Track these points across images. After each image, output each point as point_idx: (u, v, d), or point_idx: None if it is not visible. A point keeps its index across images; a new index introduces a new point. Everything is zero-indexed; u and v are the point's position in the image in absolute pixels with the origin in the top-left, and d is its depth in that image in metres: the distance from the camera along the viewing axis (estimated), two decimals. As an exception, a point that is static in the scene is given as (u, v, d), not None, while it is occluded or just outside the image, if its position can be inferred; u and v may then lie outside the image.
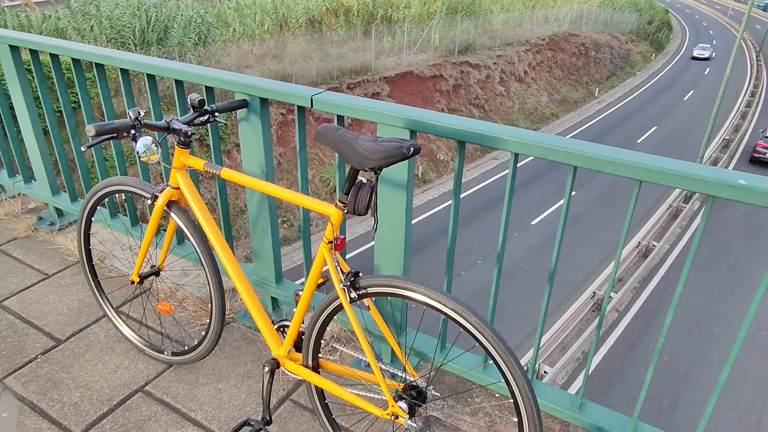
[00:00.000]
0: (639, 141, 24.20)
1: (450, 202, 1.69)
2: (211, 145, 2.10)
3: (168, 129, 1.67)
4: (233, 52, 17.88)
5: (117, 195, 2.07)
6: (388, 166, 1.30)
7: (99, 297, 2.19)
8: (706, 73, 37.10)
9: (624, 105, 29.79)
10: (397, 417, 1.45)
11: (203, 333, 1.94)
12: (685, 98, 31.55)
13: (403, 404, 1.45)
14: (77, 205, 2.84)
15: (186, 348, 2.01)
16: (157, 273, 2.01)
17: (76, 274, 2.60)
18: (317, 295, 1.96)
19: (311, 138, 15.76)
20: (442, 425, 1.86)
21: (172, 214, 1.81)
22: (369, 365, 1.92)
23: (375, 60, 20.17)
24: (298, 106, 1.82)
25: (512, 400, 1.33)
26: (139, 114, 1.59)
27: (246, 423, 1.66)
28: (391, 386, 1.52)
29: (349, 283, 1.45)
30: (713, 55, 40.99)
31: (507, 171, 1.56)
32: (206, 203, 1.97)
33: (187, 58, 15.32)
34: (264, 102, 1.89)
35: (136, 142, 1.59)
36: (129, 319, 2.26)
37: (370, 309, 1.53)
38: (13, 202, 3.11)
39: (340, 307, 1.52)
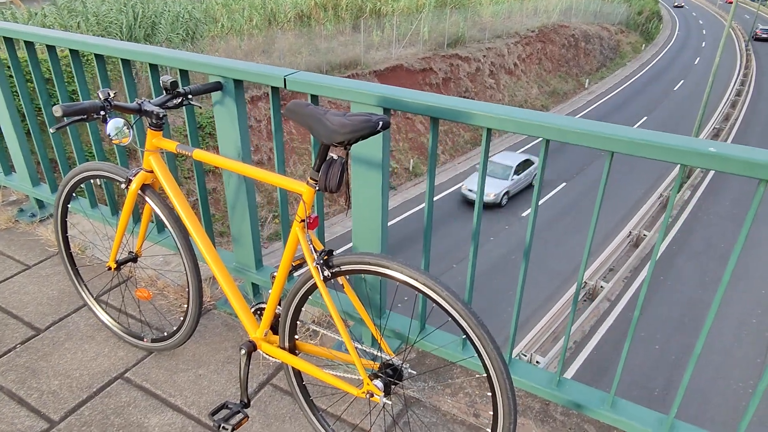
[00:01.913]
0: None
1: (445, 192, 1.68)
2: (188, 129, 2.08)
3: (139, 111, 1.65)
4: (221, 48, 17.77)
5: (95, 183, 2.06)
6: (358, 141, 1.29)
7: (78, 285, 2.17)
8: (696, 63, 37.26)
9: (614, 96, 29.88)
10: (372, 395, 1.44)
11: (181, 319, 1.93)
12: (675, 88, 31.68)
13: (378, 382, 1.45)
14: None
15: (165, 334, 2.00)
16: (134, 259, 2.00)
17: (57, 264, 2.58)
18: (295, 278, 1.95)
19: (301, 133, 15.69)
20: (423, 406, 1.86)
21: (147, 199, 1.79)
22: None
23: (364, 54, 20.12)
24: (272, 87, 1.81)
25: (485, 375, 1.33)
26: (109, 95, 1.57)
27: (224, 406, 1.65)
28: (367, 366, 1.51)
29: (322, 262, 1.44)
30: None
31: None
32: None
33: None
34: (238, 84, 1.87)
35: (106, 123, 1.57)
36: (109, 307, 2.24)
37: (344, 287, 1.52)
38: (-7, 195, 3.08)
39: (314, 287, 1.51)
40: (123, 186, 1.80)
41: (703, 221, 17.13)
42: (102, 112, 1.55)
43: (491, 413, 1.36)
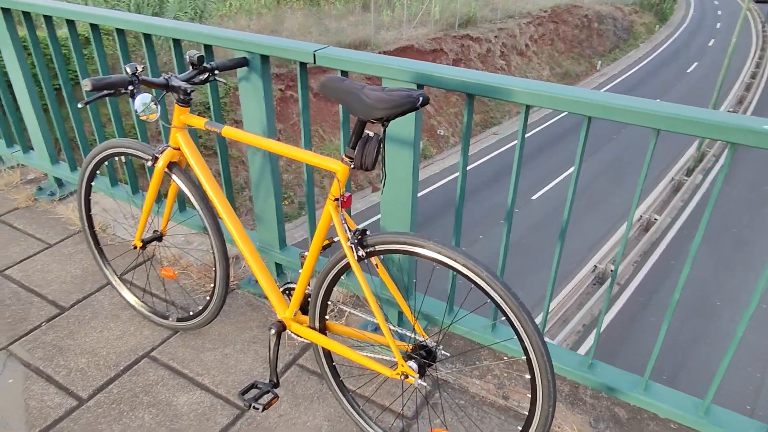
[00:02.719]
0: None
1: (456, 174, 1.64)
2: (211, 106, 2.04)
3: (167, 86, 1.62)
4: (230, 27, 17.61)
5: (117, 161, 2.03)
6: (397, 116, 1.25)
7: (102, 264, 2.16)
8: (710, 44, 36.56)
9: (626, 78, 29.43)
10: (407, 377, 1.43)
11: (207, 298, 1.92)
12: (688, 70, 31.15)
13: (412, 364, 1.43)
14: (77, 174, 2.79)
15: (191, 314, 1.99)
16: (159, 238, 1.98)
17: (79, 243, 2.57)
18: (322, 259, 1.92)
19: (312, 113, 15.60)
20: (451, 388, 1.85)
21: (174, 177, 1.77)
22: (377, 328, 1.90)
23: (374, 34, 19.87)
24: (301, 63, 1.76)
25: (524, 357, 1.31)
26: (137, 69, 1.53)
27: (253, 386, 1.64)
28: (399, 347, 1.49)
29: (356, 241, 1.41)
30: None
31: (510, 144, 1.51)
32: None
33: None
34: (265, 60, 1.83)
35: (133, 99, 1.54)
36: (133, 286, 2.23)
37: (378, 268, 1.50)
38: (11, 173, 3.07)
39: (346, 267, 1.49)
40: (149, 164, 1.77)
41: (717, 205, 16.96)
42: (130, 87, 1.52)
43: (529, 395, 1.34)
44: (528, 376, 1.31)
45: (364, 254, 1.42)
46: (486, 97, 1.48)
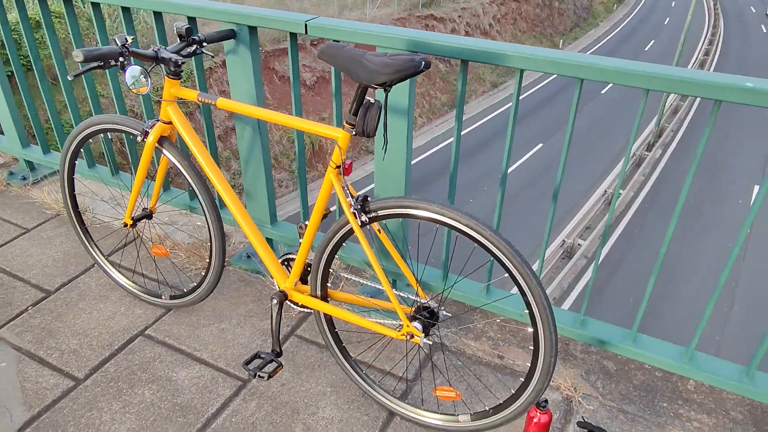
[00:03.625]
0: (603, 92, 24.47)
1: (425, 154, 1.67)
2: (196, 78, 2.01)
3: (156, 59, 1.59)
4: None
5: (99, 138, 1.98)
6: (400, 81, 1.27)
7: (88, 245, 2.12)
8: (666, 22, 37.49)
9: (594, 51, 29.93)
10: (412, 336, 1.47)
11: (203, 273, 1.91)
12: (646, 48, 31.92)
13: (417, 324, 1.47)
14: (50, 158, 2.71)
15: (185, 291, 1.98)
16: (149, 216, 1.96)
17: (57, 227, 2.51)
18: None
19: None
20: (448, 350, 1.90)
21: (165, 151, 1.74)
22: (373, 294, 1.93)
23: (338, 15, 19.62)
24: (291, 33, 1.75)
25: (523, 313, 1.36)
26: (126, 41, 1.50)
27: (256, 356, 1.66)
28: (403, 310, 1.53)
29: (359, 207, 1.43)
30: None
31: (476, 124, 1.55)
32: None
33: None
34: (253, 31, 1.81)
35: (124, 72, 1.51)
36: (121, 267, 2.20)
37: (379, 233, 1.52)
38: (-21, 159, 2.96)
39: (348, 234, 1.51)
40: (139, 139, 1.74)
41: (674, 180, 17.57)
42: (120, 59, 1.49)
43: (524, 353, 1.40)
44: (531, 329, 1.37)
45: (367, 220, 1.44)
46: (480, 63, 1.51)
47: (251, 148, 2.01)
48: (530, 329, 1.37)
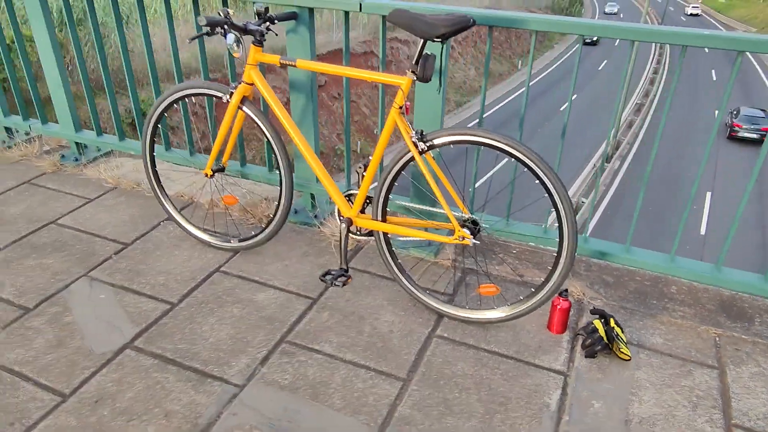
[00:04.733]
0: (562, 108, 25.68)
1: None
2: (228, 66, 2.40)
3: (245, 30, 1.97)
4: (158, 35, 17.32)
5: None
6: (456, 33, 1.69)
7: (162, 199, 2.44)
8: (616, 43, 39.59)
9: (545, 76, 31.41)
10: (463, 239, 1.86)
11: (271, 216, 2.26)
12: (599, 68, 33.65)
13: (466, 230, 1.87)
14: (104, 139, 3.02)
15: (252, 234, 2.32)
16: (222, 169, 2.31)
17: (117, 196, 2.81)
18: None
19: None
20: (476, 273, 2.30)
21: (245, 109, 2.11)
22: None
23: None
24: (345, 12, 2.16)
25: (554, 210, 1.76)
26: (228, 13, 1.89)
27: (328, 272, 2.02)
28: (449, 227, 1.92)
29: (419, 137, 1.83)
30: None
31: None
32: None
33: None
34: (311, 12, 2.21)
35: (226, 38, 1.89)
36: (193, 218, 2.52)
37: (429, 162, 1.92)
38: (28, 146, 3.22)
39: (407, 163, 1.91)
40: (224, 99, 2.10)
41: (635, 189, 18.59)
42: (225, 27, 1.87)
43: (550, 268, 1.81)
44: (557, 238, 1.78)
45: (425, 147, 1.84)
46: (503, 27, 1.94)
47: (303, 114, 2.39)
48: (556, 225, 1.79)
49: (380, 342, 1.95)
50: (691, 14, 57.34)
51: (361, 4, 2.09)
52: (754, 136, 21.81)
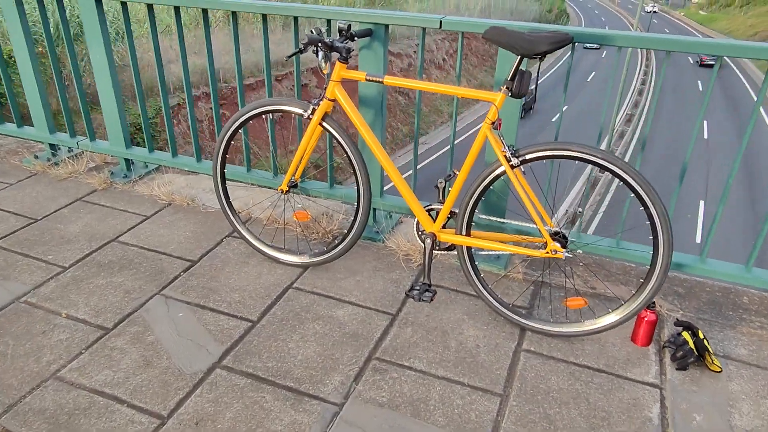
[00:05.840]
0: (553, 119, 25.97)
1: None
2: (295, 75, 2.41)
3: (331, 47, 1.98)
4: (151, 48, 17.25)
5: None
6: (556, 50, 1.72)
7: (231, 215, 2.43)
8: (603, 56, 40.28)
9: (537, 87, 31.74)
10: (555, 252, 1.88)
11: (345, 231, 2.26)
12: (588, 79, 34.15)
13: (557, 243, 1.88)
14: (157, 156, 3.00)
15: (325, 249, 2.31)
16: (295, 185, 2.31)
17: (174, 213, 2.79)
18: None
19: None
20: (548, 286, 2.32)
21: (326, 125, 2.11)
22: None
23: (302, 51, 20.17)
24: (423, 29, 2.19)
25: (648, 221, 1.79)
26: (321, 32, 1.90)
27: (412, 288, 2.03)
28: (538, 241, 1.94)
29: (512, 152, 1.85)
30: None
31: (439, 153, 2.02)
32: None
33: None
34: (386, 30, 2.23)
35: (317, 55, 1.90)
36: (261, 235, 2.52)
37: (518, 177, 1.93)
38: (74, 163, 3.19)
39: (496, 178, 1.92)
40: (305, 116, 2.11)
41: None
42: (319, 45, 1.88)
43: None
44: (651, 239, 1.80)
45: (518, 162, 1.86)
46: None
47: (372, 128, 2.40)
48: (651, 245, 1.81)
49: (469, 357, 1.95)
50: (649, 12, 65.33)
51: (441, 21, 2.11)
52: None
